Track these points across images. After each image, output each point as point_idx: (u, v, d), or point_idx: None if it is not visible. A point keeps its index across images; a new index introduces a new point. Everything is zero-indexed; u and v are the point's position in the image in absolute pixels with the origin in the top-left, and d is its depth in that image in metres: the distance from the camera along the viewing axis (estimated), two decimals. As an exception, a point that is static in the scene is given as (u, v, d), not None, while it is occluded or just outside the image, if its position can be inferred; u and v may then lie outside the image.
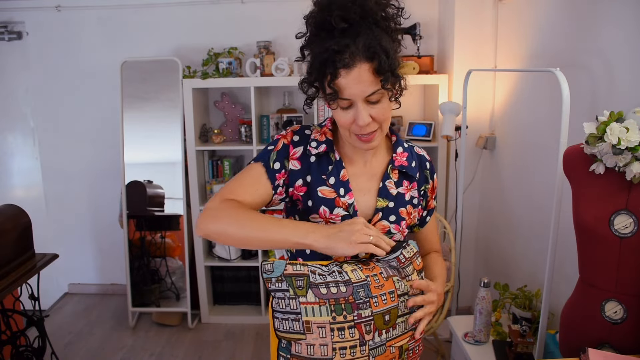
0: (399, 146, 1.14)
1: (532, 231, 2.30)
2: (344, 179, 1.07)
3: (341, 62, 0.90)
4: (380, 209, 1.08)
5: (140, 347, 2.81)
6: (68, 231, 3.36)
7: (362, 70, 0.92)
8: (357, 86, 0.93)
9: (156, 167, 2.99)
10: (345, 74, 0.92)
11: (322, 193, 1.06)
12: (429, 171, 1.18)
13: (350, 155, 1.10)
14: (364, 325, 0.89)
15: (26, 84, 3.18)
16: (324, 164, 1.08)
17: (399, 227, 1.10)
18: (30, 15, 3.06)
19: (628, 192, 1.24)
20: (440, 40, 2.96)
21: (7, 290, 1.85)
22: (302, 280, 0.89)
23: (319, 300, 0.88)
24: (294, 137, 1.10)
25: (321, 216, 1.06)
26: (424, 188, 1.17)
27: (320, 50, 0.93)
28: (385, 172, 1.11)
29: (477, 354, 1.94)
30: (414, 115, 3.09)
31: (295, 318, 0.89)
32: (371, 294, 0.91)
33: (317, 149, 1.08)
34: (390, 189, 1.10)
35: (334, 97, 0.94)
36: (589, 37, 1.80)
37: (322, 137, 1.09)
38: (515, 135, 2.50)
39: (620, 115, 1.25)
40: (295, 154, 1.08)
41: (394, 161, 1.12)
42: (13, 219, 2.01)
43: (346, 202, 1.06)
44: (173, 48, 3.06)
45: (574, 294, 1.40)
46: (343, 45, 0.90)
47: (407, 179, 1.13)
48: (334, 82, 0.93)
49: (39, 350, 2.13)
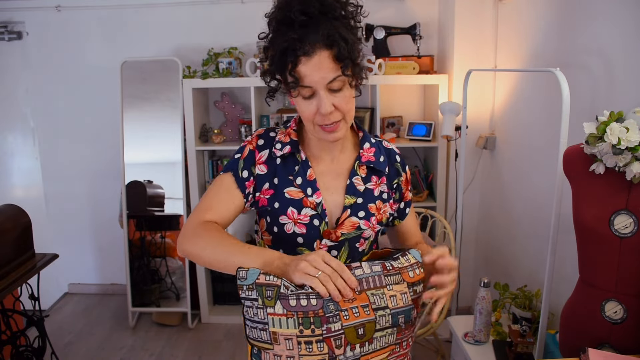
0: (366, 142, 1.13)
1: (532, 231, 2.30)
2: (310, 178, 1.07)
3: (301, 49, 0.92)
4: (348, 206, 1.08)
5: (140, 347, 2.81)
6: (68, 231, 3.36)
7: (322, 57, 0.93)
8: (318, 73, 0.94)
9: (156, 167, 2.99)
10: (306, 61, 0.93)
11: (289, 194, 1.06)
12: (399, 164, 1.18)
13: (317, 155, 1.10)
14: (333, 339, 0.86)
15: (26, 84, 3.18)
16: (290, 165, 1.08)
17: (369, 222, 1.09)
18: (30, 15, 3.06)
19: (628, 192, 1.24)
20: (440, 40, 2.96)
21: (7, 290, 1.85)
22: (272, 290, 0.86)
23: (286, 312, 0.85)
24: (259, 141, 1.10)
25: (289, 217, 1.06)
26: (396, 181, 1.16)
27: (281, 41, 0.94)
28: (352, 169, 1.11)
29: (477, 354, 1.94)
30: (414, 115, 3.09)
31: (262, 328, 0.87)
32: (340, 308, 0.87)
33: (281, 151, 1.08)
34: (357, 186, 1.10)
35: (295, 85, 0.95)
36: (589, 37, 1.80)
37: (286, 138, 1.09)
38: (515, 135, 2.50)
39: (620, 115, 1.26)
40: (261, 158, 1.08)
41: (360, 157, 1.11)
42: (13, 218, 2.01)
43: (314, 201, 1.06)
44: (173, 48, 3.06)
45: (574, 294, 1.40)
46: (303, 34, 0.92)
47: (375, 174, 1.13)
48: (295, 70, 0.94)
49: (39, 350, 2.13)
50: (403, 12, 2.97)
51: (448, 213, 2.92)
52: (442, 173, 2.84)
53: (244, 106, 3.05)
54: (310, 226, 1.06)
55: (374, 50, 2.88)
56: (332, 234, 1.07)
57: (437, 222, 2.71)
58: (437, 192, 2.87)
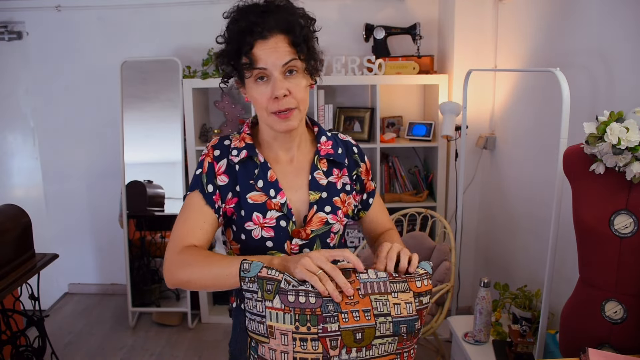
0: (322, 135, 1.14)
1: (532, 231, 2.30)
2: (272, 179, 1.06)
3: (259, 33, 0.96)
4: (314, 202, 1.07)
5: (140, 347, 2.81)
6: (68, 231, 3.36)
7: (278, 40, 0.97)
8: (273, 54, 0.97)
9: (156, 167, 2.99)
10: (262, 44, 0.96)
11: (252, 199, 1.05)
12: (357, 155, 1.18)
13: (275, 155, 1.10)
14: (329, 339, 0.86)
15: (26, 84, 3.18)
16: (250, 169, 1.07)
17: (336, 216, 1.09)
18: (30, 15, 3.06)
19: (628, 192, 1.24)
20: (440, 40, 2.96)
21: (7, 290, 1.84)
22: (273, 284, 0.87)
23: (284, 307, 0.86)
24: (215, 152, 1.08)
25: (255, 222, 1.05)
26: (355, 172, 1.16)
27: (238, 25, 0.98)
28: (313, 164, 1.11)
29: (477, 354, 1.94)
30: (414, 115, 3.09)
31: (260, 320, 0.88)
32: (340, 310, 0.87)
33: (238, 157, 1.06)
34: (320, 180, 1.09)
35: (250, 67, 0.97)
36: (589, 37, 1.80)
37: (241, 143, 1.08)
38: (515, 135, 2.50)
39: (620, 115, 1.26)
40: (220, 169, 1.07)
41: (319, 151, 1.11)
42: (13, 219, 2.01)
43: (278, 202, 1.05)
44: (173, 48, 3.06)
45: (574, 294, 1.40)
46: (260, 18, 0.96)
47: (336, 167, 1.13)
48: (251, 52, 0.96)
49: (39, 350, 2.13)
50: (403, 12, 2.97)
51: (448, 213, 2.92)
52: (442, 173, 2.84)
53: (244, 106, 3.05)
54: (278, 228, 1.05)
55: (374, 50, 2.88)
56: (302, 232, 1.06)
57: (437, 222, 2.71)
58: (437, 192, 2.87)
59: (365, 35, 2.89)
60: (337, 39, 2.96)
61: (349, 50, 2.96)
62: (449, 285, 2.20)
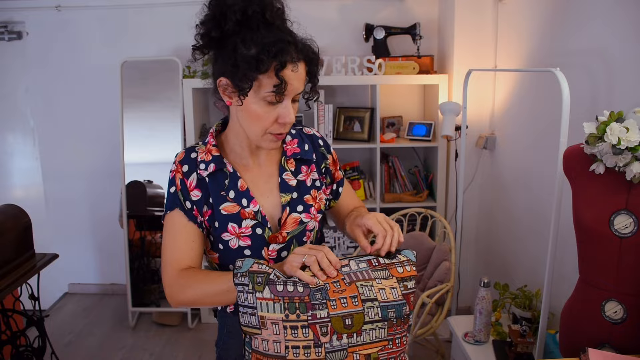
0: (287, 135, 1.13)
1: (532, 231, 2.30)
2: (242, 188, 1.05)
3: (293, 56, 0.93)
4: (286, 204, 1.08)
5: (140, 347, 2.81)
6: (68, 231, 3.36)
7: (301, 67, 0.96)
8: (296, 83, 0.96)
9: (156, 167, 2.99)
10: (291, 68, 0.94)
11: (225, 210, 1.04)
12: (323, 147, 1.18)
13: (243, 163, 1.09)
14: (319, 326, 0.88)
15: (26, 83, 3.18)
16: (220, 180, 1.05)
17: (309, 214, 1.10)
18: (30, 15, 3.06)
19: (628, 192, 1.24)
20: (440, 40, 2.96)
21: (7, 290, 1.84)
22: (263, 277, 0.90)
23: (274, 296, 0.89)
24: (183, 167, 1.07)
25: (231, 233, 1.04)
26: (324, 165, 1.17)
27: (268, 39, 0.91)
28: (280, 166, 1.11)
29: (477, 354, 1.94)
30: (414, 115, 3.09)
31: (252, 312, 0.90)
32: (329, 297, 0.90)
33: (207, 170, 1.05)
34: (289, 181, 1.09)
35: (280, 90, 0.93)
36: (589, 37, 1.80)
37: (208, 156, 1.06)
38: (515, 135, 2.50)
39: (620, 115, 1.26)
40: (191, 184, 1.05)
41: (285, 152, 1.11)
42: (13, 219, 2.01)
43: (252, 211, 1.05)
44: (173, 48, 3.06)
45: (574, 294, 1.40)
46: (293, 40, 0.94)
47: (304, 164, 1.13)
48: (280, 74, 0.92)
49: (39, 350, 2.13)
50: (403, 12, 2.97)
51: (448, 213, 2.93)
52: (442, 173, 2.84)
53: (244, 106, 3.04)
54: (254, 236, 1.05)
55: (374, 50, 2.88)
56: (279, 236, 1.06)
57: (437, 222, 2.71)
58: (437, 192, 2.87)
59: (365, 35, 2.89)
60: (337, 39, 2.96)
61: (349, 50, 2.96)
62: (449, 285, 2.20)
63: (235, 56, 0.92)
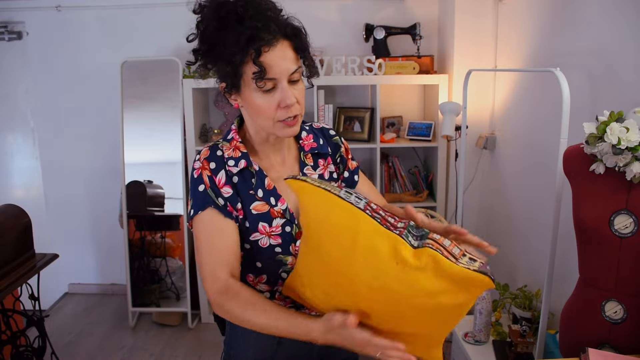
0: (302, 131, 1.13)
1: (532, 231, 2.30)
2: (270, 187, 1.05)
3: (266, 39, 0.92)
4: None
5: (140, 347, 2.81)
6: (68, 231, 3.36)
7: (284, 47, 0.95)
8: (283, 63, 0.94)
9: (156, 167, 2.99)
10: (270, 51, 0.92)
11: (256, 209, 1.03)
12: (337, 137, 1.19)
13: (267, 161, 1.08)
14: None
15: (26, 84, 3.18)
16: (248, 179, 1.04)
17: None
18: (30, 15, 3.06)
19: (628, 192, 1.24)
20: (440, 40, 2.96)
21: (7, 290, 1.85)
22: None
23: None
24: (211, 164, 1.03)
25: (262, 232, 1.03)
26: (338, 155, 1.17)
27: (240, 31, 0.91)
28: (300, 161, 1.11)
29: (477, 354, 1.94)
30: (414, 115, 3.09)
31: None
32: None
33: (237, 167, 1.03)
34: (311, 175, 1.10)
35: (261, 77, 0.93)
36: (589, 37, 1.80)
37: (236, 152, 1.04)
38: (515, 135, 2.50)
39: (620, 115, 1.26)
40: (220, 182, 1.02)
41: (303, 147, 1.12)
42: (13, 219, 2.01)
43: (280, 209, 1.04)
44: (173, 48, 3.06)
45: (574, 294, 1.40)
46: (264, 24, 0.92)
47: (320, 157, 1.14)
48: (259, 60, 0.92)
49: (39, 350, 2.13)
50: (403, 12, 2.97)
51: (448, 213, 2.92)
52: (442, 173, 2.84)
53: (244, 106, 3.04)
54: (284, 234, 1.05)
55: (374, 50, 2.88)
56: None
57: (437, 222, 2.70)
58: (437, 192, 2.87)
59: (365, 35, 2.89)
60: (337, 39, 2.96)
61: (349, 50, 2.96)
62: (449, 285, 2.19)
63: (219, 60, 0.97)
